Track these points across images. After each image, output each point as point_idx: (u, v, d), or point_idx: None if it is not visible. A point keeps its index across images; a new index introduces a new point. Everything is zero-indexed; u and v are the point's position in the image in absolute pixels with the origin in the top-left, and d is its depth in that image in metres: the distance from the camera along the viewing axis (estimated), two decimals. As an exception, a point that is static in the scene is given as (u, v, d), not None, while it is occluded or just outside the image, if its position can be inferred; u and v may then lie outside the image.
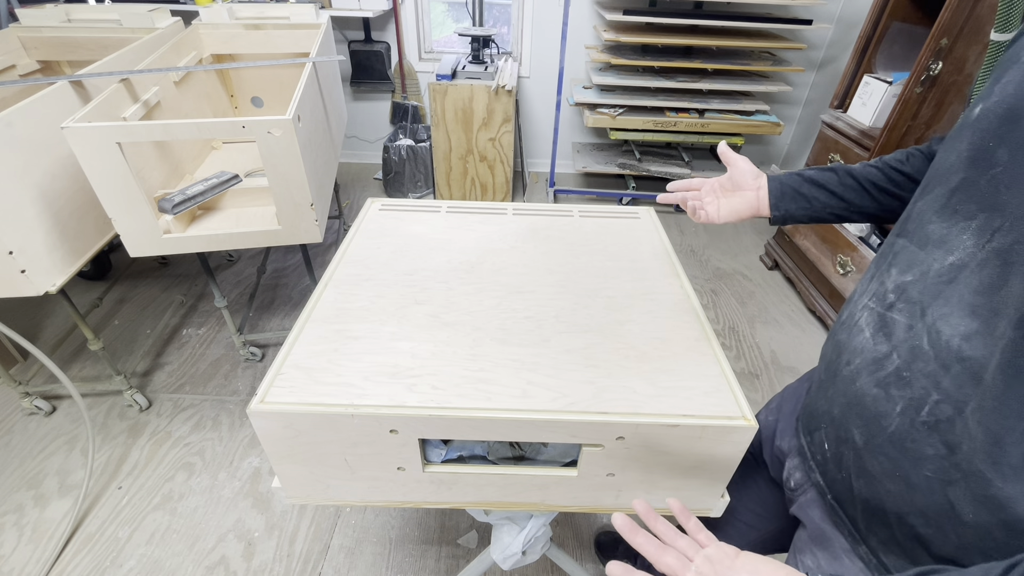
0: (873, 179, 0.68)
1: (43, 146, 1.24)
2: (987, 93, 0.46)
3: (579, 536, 1.40)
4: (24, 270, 1.20)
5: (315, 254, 2.46)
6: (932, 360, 0.44)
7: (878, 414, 0.49)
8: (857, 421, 0.51)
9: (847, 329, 0.55)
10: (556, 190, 3.05)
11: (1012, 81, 0.43)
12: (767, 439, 0.77)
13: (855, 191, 0.69)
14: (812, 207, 0.71)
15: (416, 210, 1.12)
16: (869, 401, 0.50)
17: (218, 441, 1.61)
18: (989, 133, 0.43)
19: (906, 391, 0.46)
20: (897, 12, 2.01)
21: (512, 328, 0.80)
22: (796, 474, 0.65)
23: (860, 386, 0.51)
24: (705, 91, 2.79)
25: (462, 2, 2.94)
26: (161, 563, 1.30)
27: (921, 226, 0.49)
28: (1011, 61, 0.45)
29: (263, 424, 0.66)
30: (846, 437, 0.53)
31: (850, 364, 0.53)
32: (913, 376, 0.46)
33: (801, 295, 2.33)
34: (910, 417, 0.46)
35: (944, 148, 0.50)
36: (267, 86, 2.04)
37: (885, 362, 0.48)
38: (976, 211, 0.43)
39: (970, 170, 0.44)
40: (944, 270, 0.44)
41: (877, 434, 0.49)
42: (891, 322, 0.49)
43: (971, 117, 0.46)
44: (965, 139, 0.46)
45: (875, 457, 0.50)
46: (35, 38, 1.78)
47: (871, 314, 0.52)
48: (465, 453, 0.74)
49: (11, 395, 1.69)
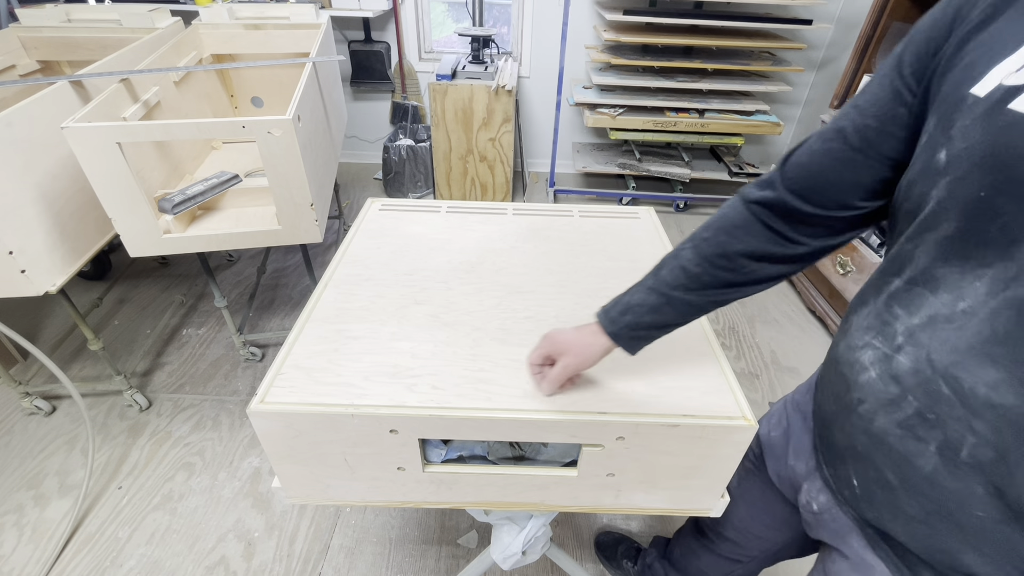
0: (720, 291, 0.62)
1: (43, 146, 1.24)
2: (942, 137, 0.44)
3: (579, 536, 1.40)
4: (24, 270, 1.20)
5: (315, 254, 2.46)
6: (958, 405, 0.44)
7: (908, 454, 0.48)
8: (887, 461, 0.50)
9: (849, 364, 0.54)
10: (556, 190, 3.05)
11: (971, 126, 0.41)
12: (774, 456, 0.74)
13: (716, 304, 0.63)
14: (666, 331, 0.65)
15: (416, 210, 1.12)
16: (894, 441, 0.49)
17: (218, 441, 1.61)
18: (975, 184, 0.41)
19: (936, 432, 0.46)
20: (897, 12, 2.01)
21: (512, 328, 0.80)
22: (820, 498, 0.63)
23: (880, 426, 0.50)
24: (705, 91, 2.79)
25: (462, 2, 2.93)
26: (161, 563, 1.30)
27: (922, 269, 0.47)
28: (955, 100, 0.43)
29: (263, 424, 0.66)
30: (877, 476, 0.52)
31: (863, 403, 0.52)
32: (940, 419, 0.45)
33: (801, 295, 2.33)
34: (949, 457, 0.45)
35: (914, 191, 0.48)
36: (267, 86, 2.04)
37: (901, 403, 0.48)
38: (993, 259, 0.41)
39: (970, 220, 0.42)
40: (955, 316, 0.44)
41: (912, 474, 0.48)
42: (897, 364, 0.48)
43: (937, 164, 0.44)
44: (942, 189, 0.44)
45: (915, 497, 0.49)
46: (35, 38, 1.78)
47: (875, 353, 0.50)
48: (465, 453, 0.74)
49: (11, 395, 1.69)
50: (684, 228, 2.89)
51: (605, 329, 0.64)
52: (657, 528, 1.44)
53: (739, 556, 0.91)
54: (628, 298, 0.64)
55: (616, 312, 0.64)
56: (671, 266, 0.62)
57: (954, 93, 0.43)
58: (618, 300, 0.65)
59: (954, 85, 0.44)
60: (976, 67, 0.42)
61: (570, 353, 0.65)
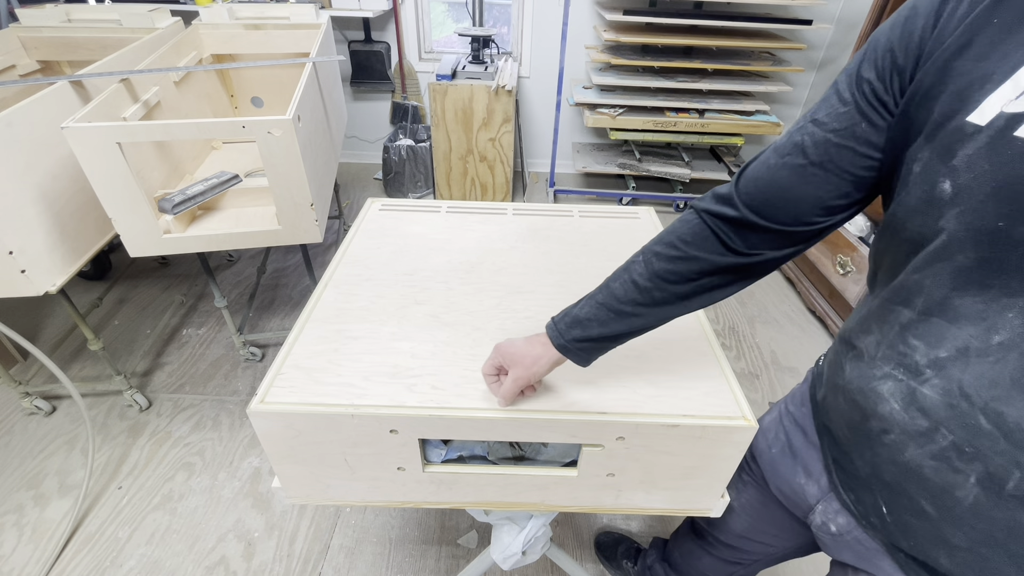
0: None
1: (43, 146, 1.24)
2: (943, 168, 0.43)
3: (579, 536, 1.40)
4: (24, 270, 1.20)
5: (315, 254, 2.46)
6: (1001, 440, 0.43)
7: (947, 485, 0.48)
8: (923, 492, 0.50)
9: (861, 393, 0.53)
10: (556, 190, 3.05)
11: (977, 156, 0.41)
12: (778, 474, 0.72)
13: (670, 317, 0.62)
14: (618, 343, 0.64)
15: (416, 210, 1.12)
16: (930, 472, 0.48)
17: (218, 441, 1.61)
18: (990, 215, 0.41)
19: (976, 464, 0.45)
20: (897, 12, 2.01)
21: (512, 328, 0.80)
22: (839, 520, 0.62)
23: (912, 458, 0.49)
24: (705, 91, 2.79)
25: (462, 2, 2.93)
26: (161, 563, 1.30)
27: (938, 301, 0.46)
28: (952, 133, 0.42)
29: (263, 424, 0.66)
30: (912, 507, 0.51)
31: (889, 433, 0.51)
32: (980, 453, 0.45)
33: (801, 295, 2.33)
34: (994, 490, 0.45)
35: (914, 222, 0.47)
36: (267, 86, 2.04)
37: (934, 436, 0.47)
38: (1019, 288, 0.41)
39: (989, 248, 0.42)
40: (991, 350, 0.43)
41: (953, 505, 0.48)
42: (923, 397, 0.47)
43: (942, 195, 0.43)
44: (951, 220, 0.43)
45: (959, 528, 0.48)
46: (35, 38, 1.78)
47: (897, 385, 0.50)
48: (465, 453, 0.74)
49: (11, 395, 1.69)
50: (684, 228, 2.89)
51: (553, 342, 0.63)
52: (657, 528, 1.44)
53: (740, 559, 0.91)
54: (577, 311, 0.63)
55: (564, 325, 0.63)
56: (622, 280, 0.61)
57: (949, 122, 0.43)
58: (567, 312, 0.64)
59: (946, 114, 0.43)
60: (968, 94, 0.41)
61: (520, 365, 0.64)
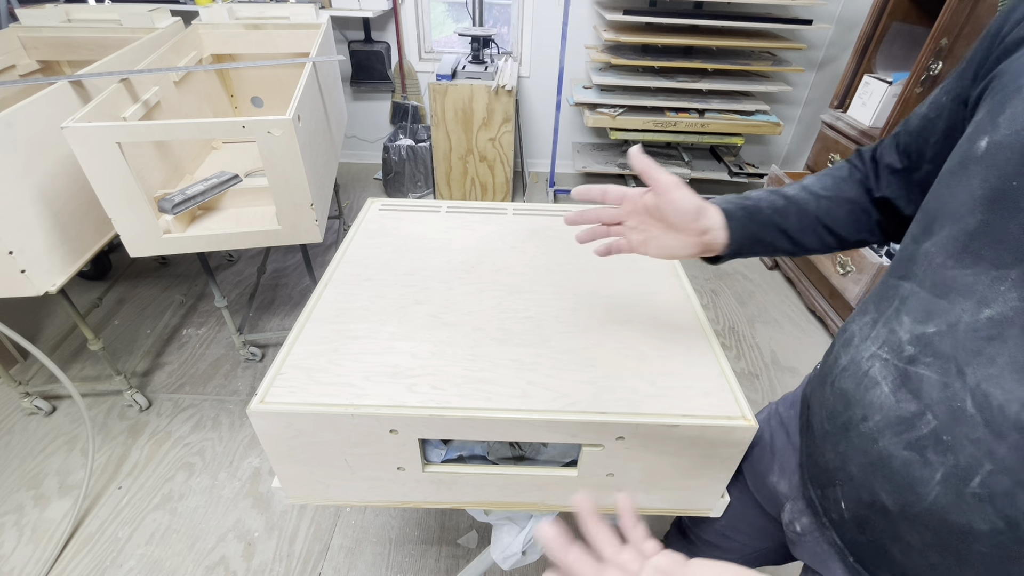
0: (838, 227, 0.63)
1: (43, 146, 1.24)
2: (989, 125, 0.41)
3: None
4: (24, 270, 1.20)
5: (315, 254, 2.46)
6: (981, 426, 0.40)
7: (912, 480, 0.44)
8: (885, 485, 0.47)
9: (853, 378, 0.50)
10: (556, 190, 3.05)
11: (1021, 113, 0.39)
12: (754, 471, 0.73)
13: (817, 237, 0.63)
14: (767, 251, 0.63)
15: (416, 210, 1.12)
16: (898, 464, 0.45)
17: (218, 441, 1.61)
18: (1010, 171, 0.38)
19: (948, 457, 0.42)
20: (897, 12, 2.01)
21: (512, 328, 0.80)
22: (803, 519, 0.61)
23: (884, 446, 0.46)
24: (705, 91, 2.79)
25: (462, 2, 2.93)
26: (161, 563, 1.30)
27: (933, 271, 0.44)
28: (1012, 90, 0.41)
29: (263, 424, 0.66)
30: (871, 501, 0.48)
31: (867, 420, 0.48)
32: (956, 441, 0.41)
33: (801, 295, 2.33)
34: (955, 487, 0.41)
35: (945, 184, 0.46)
36: (267, 86, 2.04)
37: (917, 422, 0.44)
38: (1013, 260, 0.38)
39: (991, 212, 0.40)
40: (981, 324, 0.40)
41: (914, 503, 0.44)
42: (917, 378, 0.44)
43: (976, 151, 0.42)
44: (976, 176, 0.41)
45: (914, 528, 0.45)
46: (35, 38, 1.78)
47: (886, 366, 0.47)
48: (465, 453, 0.74)
49: (11, 395, 1.69)
50: (684, 228, 2.89)
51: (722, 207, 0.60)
52: (657, 528, 1.44)
53: (720, 557, 0.91)
54: (750, 202, 0.62)
55: (736, 204, 0.62)
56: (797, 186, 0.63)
57: (1012, 82, 0.41)
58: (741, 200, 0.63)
59: (1013, 74, 0.41)
60: None
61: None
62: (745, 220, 0.60)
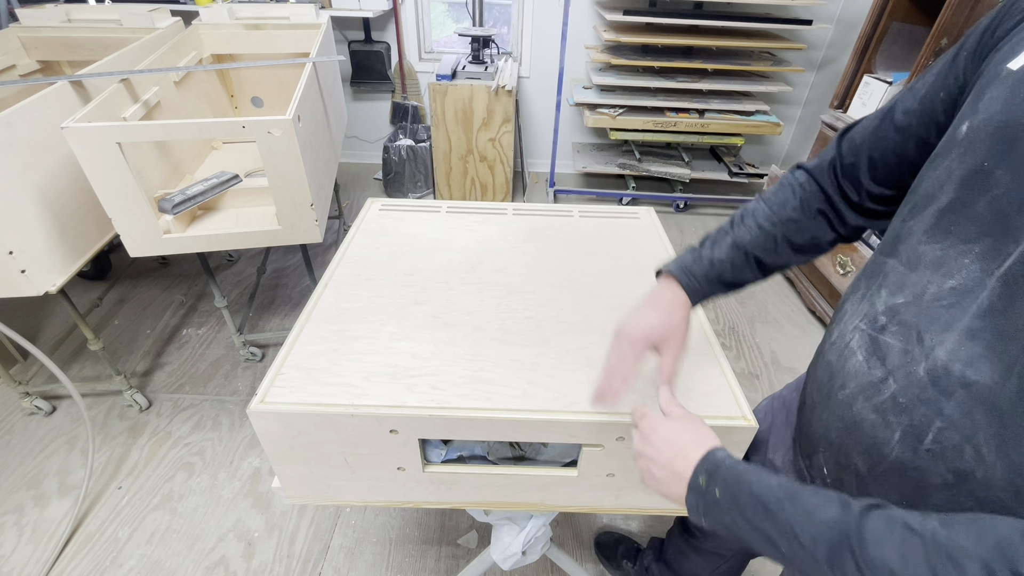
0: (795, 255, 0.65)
1: (43, 146, 1.24)
2: (970, 110, 0.44)
3: (579, 536, 1.40)
4: (24, 270, 1.20)
5: (315, 254, 2.45)
6: (929, 387, 0.43)
7: (878, 441, 0.47)
8: (857, 447, 0.50)
9: (838, 351, 0.53)
10: (556, 190, 3.05)
11: (997, 98, 0.42)
12: (755, 449, 0.75)
13: (778, 268, 0.66)
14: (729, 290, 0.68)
15: (416, 210, 1.12)
16: (868, 427, 0.48)
17: (218, 441, 1.61)
18: (982, 152, 0.41)
19: (903, 417, 0.45)
20: (897, 12, 2.01)
21: (512, 328, 0.80)
22: None
23: (857, 411, 0.49)
24: (705, 91, 2.79)
25: (462, 2, 2.93)
26: (161, 563, 1.30)
27: (911, 247, 0.47)
28: (991, 77, 0.44)
29: (263, 424, 0.66)
30: (847, 463, 0.52)
31: (845, 388, 0.51)
32: (910, 403, 0.44)
33: (801, 295, 2.33)
34: (911, 445, 0.44)
35: (931, 167, 0.48)
36: (267, 86, 2.04)
37: (881, 387, 0.47)
38: (977, 234, 0.41)
39: (962, 190, 0.42)
40: (943, 294, 0.43)
41: (880, 462, 0.48)
42: (885, 346, 0.47)
43: (958, 135, 0.45)
44: (955, 158, 0.44)
45: (880, 485, 0.48)
46: (35, 38, 1.78)
47: (863, 336, 0.50)
48: (465, 453, 0.74)
49: (11, 395, 1.69)
50: (684, 228, 2.89)
51: (684, 285, 0.64)
52: (657, 528, 1.44)
53: (721, 550, 0.92)
54: (708, 254, 0.65)
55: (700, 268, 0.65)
56: (748, 224, 0.64)
57: (993, 69, 0.44)
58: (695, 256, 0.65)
59: (996, 62, 0.44)
60: (1020, 46, 0.42)
61: (677, 336, 0.63)
62: (706, 290, 0.65)
